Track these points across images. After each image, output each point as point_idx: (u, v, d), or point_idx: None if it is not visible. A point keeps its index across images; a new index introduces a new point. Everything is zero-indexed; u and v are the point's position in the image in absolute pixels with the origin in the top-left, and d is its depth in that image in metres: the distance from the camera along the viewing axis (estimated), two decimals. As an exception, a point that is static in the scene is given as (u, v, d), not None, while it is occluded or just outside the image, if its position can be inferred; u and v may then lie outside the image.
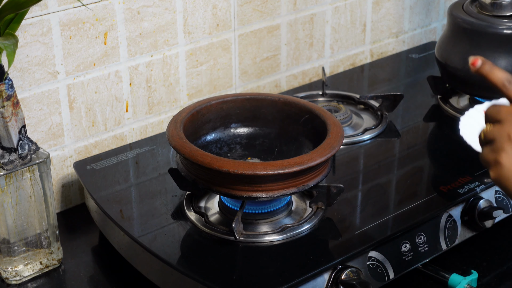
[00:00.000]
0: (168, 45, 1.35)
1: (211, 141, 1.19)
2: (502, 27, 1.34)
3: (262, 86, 1.53)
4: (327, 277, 1.03)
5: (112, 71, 1.30)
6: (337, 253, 1.04)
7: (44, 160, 1.10)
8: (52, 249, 1.15)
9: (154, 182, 1.22)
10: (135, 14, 1.29)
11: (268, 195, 1.04)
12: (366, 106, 1.44)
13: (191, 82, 1.41)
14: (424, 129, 1.40)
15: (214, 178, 1.05)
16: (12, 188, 1.08)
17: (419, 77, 1.57)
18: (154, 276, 1.07)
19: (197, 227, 1.09)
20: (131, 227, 1.11)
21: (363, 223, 1.10)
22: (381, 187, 1.20)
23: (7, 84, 1.04)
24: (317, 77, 1.61)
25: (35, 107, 1.23)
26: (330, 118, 1.13)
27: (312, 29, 1.56)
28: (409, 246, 1.10)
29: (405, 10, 1.71)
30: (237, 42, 1.45)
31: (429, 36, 1.79)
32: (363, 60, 1.68)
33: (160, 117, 1.39)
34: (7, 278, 1.13)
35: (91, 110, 1.30)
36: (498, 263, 1.18)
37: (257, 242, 1.06)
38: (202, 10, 1.37)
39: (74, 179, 1.32)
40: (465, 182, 1.19)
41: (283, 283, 0.98)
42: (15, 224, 1.11)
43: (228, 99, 1.20)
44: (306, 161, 1.03)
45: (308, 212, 1.13)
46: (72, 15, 1.22)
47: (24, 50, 1.18)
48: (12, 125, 1.06)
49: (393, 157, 1.29)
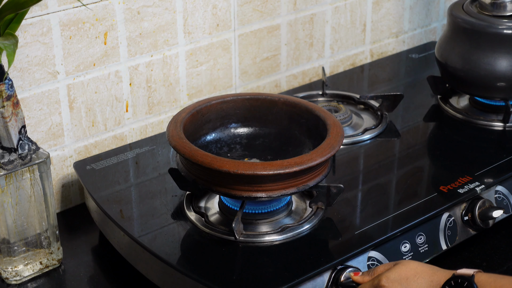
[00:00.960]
0: (168, 45, 1.35)
1: (211, 141, 1.19)
2: (502, 27, 1.34)
3: (262, 86, 1.53)
4: (327, 277, 1.03)
5: (112, 71, 1.30)
6: (337, 253, 1.04)
7: (44, 160, 1.10)
8: (52, 249, 1.15)
9: (154, 182, 1.22)
10: (135, 14, 1.29)
11: (268, 195, 1.04)
12: (366, 106, 1.44)
13: (191, 82, 1.41)
14: (424, 129, 1.40)
15: (214, 178, 1.05)
16: (12, 188, 1.08)
17: (419, 77, 1.57)
18: (154, 276, 1.07)
19: (197, 227, 1.09)
20: (131, 227, 1.11)
21: (363, 223, 1.10)
22: (381, 187, 1.20)
23: (7, 84, 1.04)
24: (317, 77, 1.61)
25: (35, 107, 1.23)
26: (330, 118, 1.13)
27: (312, 29, 1.56)
28: (409, 246, 1.10)
29: (405, 10, 1.71)
30: (237, 42, 1.45)
31: (429, 36, 1.79)
32: (363, 60, 1.68)
33: (160, 117, 1.39)
34: (7, 278, 1.13)
35: (91, 110, 1.30)
36: (498, 263, 1.18)
37: (257, 242, 1.06)
38: (202, 10, 1.37)
39: (74, 179, 1.32)
40: (465, 182, 1.19)
41: (283, 283, 0.98)
42: (15, 224, 1.11)
43: (228, 99, 1.20)
44: (306, 161, 1.03)
45: (308, 212, 1.13)
46: (72, 15, 1.22)
47: (24, 50, 1.18)
48: (12, 125, 1.06)
49: (393, 157, 1.29)
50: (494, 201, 1.20)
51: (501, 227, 1.24)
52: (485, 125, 1.38)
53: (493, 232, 1.23)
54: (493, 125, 1.37)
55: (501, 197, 1.21)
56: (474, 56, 1.35)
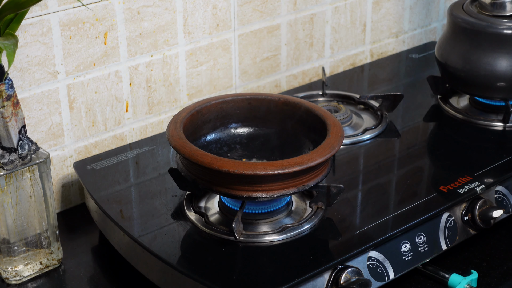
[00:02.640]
0: (168, 45, 1.35)
1: (211, 141, 1.19)
2: (502, 27, 1.34)
3: (262, 86, 1.53)
4: (327, 277, 1.03)
5: (112, 71, 1.30)
6: (337, 253, 1.04)
7: (44, 160, 1.10)
8: (52, 249, 1.15)
9: (154, 182, 1.22)
10: (135, 14, 1.29)
11: (268, 195, 1.04)
12: (366, 106, 1.44)
13: (191, 82, 1.41)
14: (424, 129, 1.40)
15: (214, 178, 1.05)
16: (12, 188, 1.08)
17: (419, 77, 1.57)
18: (154, 276, 1.07)
19: (197, 227, 1.09)
20: (131, 227, 1.11)
21: (363, 223, 1.10)
22: (381, 187, 1.20)
23: (7, 84, 1.04)
24: (317, 77, 1.61)
25: (35, 107, 1.23)
26: (330, 118, 1.13)
27: (312, 29, 1.56)
28: (409, 246, 1.10)
29: (405, 10, 1.71)
30: (237, 42, 1.45)
31: (429, 36, 1.79)
32: (363, 60, 1.68)
33: (160, 117, 1.39)
34: (7, 278, 1.13)
35: (91, 110, 1.30)
36: (498, 263, 1.18)
37: (257, 242, 1.06)
38: (202, 10, 1.37)
39: (74, 179, 1.32)
40: (465, 182, 1.19)
41: (283, 283, 0.98)
42: (15, 224, 1.11)
43: (228, 99, 1.20)
44: (306, 161, 1.03)
45: (308, 212, 1.13)
46: (72, 15, 1.22)
47: (24, 50, 1.18)
48: (12, 125, 1.06)
49: (393, 157, 1.29)
50: (494, 201, 1.20)
51: (501, 227, 1.24)
52: (485, 125, 1.38)
53: (493, 232, 1.23)
54: (493, 125, 1.37)
55: (501, 197, 1.21)
56: (474, 56, 1.35)
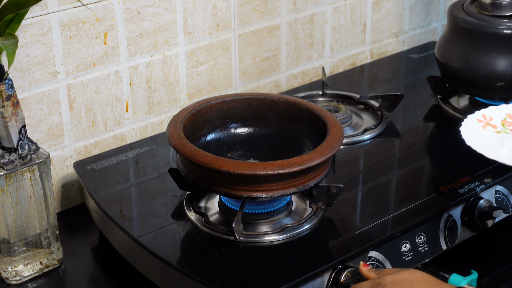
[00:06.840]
0: (168, 45, 1.35)
1: (211, 141, 1.19)
2: (502, 27, 1.34)
3: (262, 86, 1.53)
4: (327, 277, 1.03)
5: (112, 71, 1.30)
6: (337, 253, 1.04)
7: (44, 160, 1.10)
8: (52, 249, 1.15)
9: (154, 182, 1.22)
10: (135, 14, 1.29)
11: (268, 195, 1.04)
12: (366, 106, 1.44)
13: (191, 82, 1.41)
14: (424, 129, 1.40)
15: (214, 178, 1.05)
16: (12, 188, 1.08)
17: (419, 77, 1.57)
18: (154, 276, 1.07)
19: (197, 227, 1.09)
20: (131, 227, 1.11)
21: (363, 223, 1.10)
22: (381, 187, 1.20)
23: (7, 84, 1.04)
24: (317, 77, 1.61)
25: (35, 107, 1.23)
26: (330, 118, 1.13)
27: (312, 29, 1.56)
28: (409, 246, 1.10)
29: (405, 10, 1.71)
30: (237, 42, 1.45)
31: (429, 36, 1.79)
32: (363, 60, 1.68)
33: (160, 117, 1.39)
34: (7, 278, 1.13)
35: (91, 110, 1.30)
36: (498, 263, 1.18)
37: (257, 242, 1.06)
38: (202, 10, 1.37)
39: (74, 179, 1.32)
40: (465, 182, 1.19)
41: (283, 283, 0.98)
42: (15, 224, 1.11)
43: (228, 99, 1.20)
44: (306, 161, 1.03)
45: (308, 212, 1.13)
46: (72, 15, 1.22)
47: (24, 50, 1.18)
48: (12, 125, 1.06)
49: (393, 157, 1.29)
50: (494, 201, 1.20)
51: (501, 227, 1.24)
52: (485, 125, 1.38)
53: (493, 232, 1.23)
54: (493, 125, 1.37)
55: (501, 197, 1.21)
56: (474, 56, 1.35)
